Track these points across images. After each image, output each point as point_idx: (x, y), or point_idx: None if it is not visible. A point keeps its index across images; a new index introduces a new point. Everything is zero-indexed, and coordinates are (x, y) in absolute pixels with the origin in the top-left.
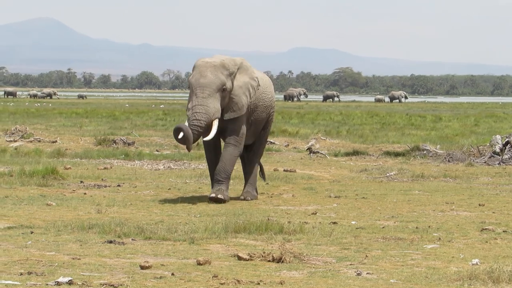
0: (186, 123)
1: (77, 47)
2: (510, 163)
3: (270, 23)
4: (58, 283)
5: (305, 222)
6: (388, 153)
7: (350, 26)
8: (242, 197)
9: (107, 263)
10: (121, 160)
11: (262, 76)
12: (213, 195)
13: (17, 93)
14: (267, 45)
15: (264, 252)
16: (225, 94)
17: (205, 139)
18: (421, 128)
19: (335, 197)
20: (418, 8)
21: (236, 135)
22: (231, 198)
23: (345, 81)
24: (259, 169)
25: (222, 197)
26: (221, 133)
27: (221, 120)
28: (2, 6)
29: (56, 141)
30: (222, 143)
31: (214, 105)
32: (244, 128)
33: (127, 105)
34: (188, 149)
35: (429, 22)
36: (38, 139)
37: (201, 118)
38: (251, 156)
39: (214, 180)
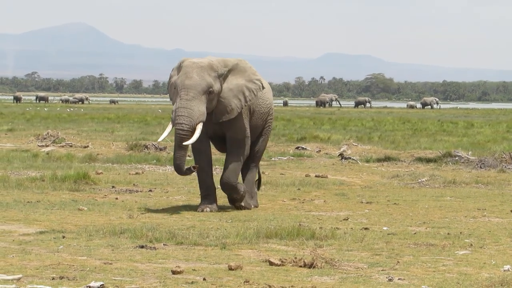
0: (170, 126)
1: (109, 53)
2: None
3: (303, 29)
4: None
5: (336, 227)
6: (419, 159)
7: (383, 32)
8: (237, 204)
9: (138, 268)
10: (152, 165)
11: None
12: (238, 204)
13: (49, 98)
14: (299, 51)
15: (295, 258)
16: (213, 97)
17: (185, 143)
18: (453, 134)
19: (367, 203)
20: (451, 14)
21: (237, 142)
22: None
23: (377, 87)
24: (257, 177)
25: (243, 204)
26: (218, 140)
27: (215, 124)
28: (35, 11)
29: (87, 146)
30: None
31: (198, 108)
32: (246, 132)
33: (160, 111)
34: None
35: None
36: (70, 144)
37: (184, 121)
38: (248, 164)
39: (229, 199)
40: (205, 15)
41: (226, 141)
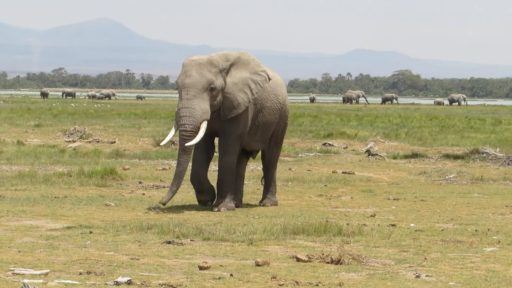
0: (173, 129)
1: (136, 48)
2: None
3: (330, 26)
4: (117, 283)
5: (363, 224)
6: (447, 156)
7: (410, 28)
8: (261, 204)
9: (165, 264)
10: None
11: (272, 75)
12: (215, 209)
13: (76, 93)
14: (326, 47)
15: (322, 254)
16: (216, 93)
17: (188, 144)
18: (480, 131)
19: (394, 199)
20: (478, 10)
21: (231, 139)
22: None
23: (404, 83)
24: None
25: (226, 209)
26: (217, 134)
27: (218, 120)
28: (61, 7)
29: (114, 142)
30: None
31: (201, 107)
32: (242, 128)
33: None
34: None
35: (489, 25)
36: (97, 140)
37: (186, 122)
38: (266, 164)
39: (217, 193)
40: (232, 11)
41: (223, 135)
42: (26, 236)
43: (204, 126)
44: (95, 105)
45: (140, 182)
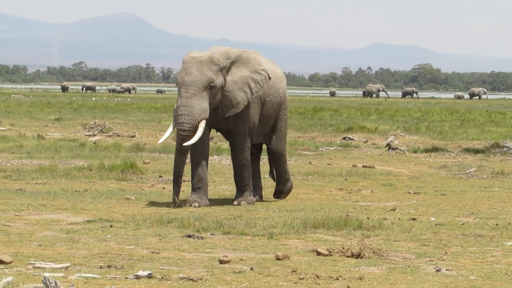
0: (171, 126)
1: (156, 42)
2: None
3: (350, 19)
4: (137, 277)
5: (384, 218)
6: (467, 150)
7: (430, 22)
8: (275, 196)
9: (186, 257)
10: None
11: (273, 69)
12: (235, 202)
13: (96, 87)
14: (346, 41)
15: (343, 248)
16: (215, 92)
17: (185, 144)
18: (501, 125)
19: (414, 193)
20: (498, 4)
21: (240, 137)
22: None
23: (424, 77)
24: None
25: (246, 203)
26: (224, 133)
27: (220, 120)
28: (82, 1)
29: (134, 136)
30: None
31: (199, 105)
32: (250, 126)
33: None
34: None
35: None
36: (117, 134)
37: (184, 120)
38: (273, 158)
39: (237, 188)
40: (251, 5)
41: (230, 132)
42: (47, 230)
43: (202, 125)
44: (115, 99)
45: (160, 176)
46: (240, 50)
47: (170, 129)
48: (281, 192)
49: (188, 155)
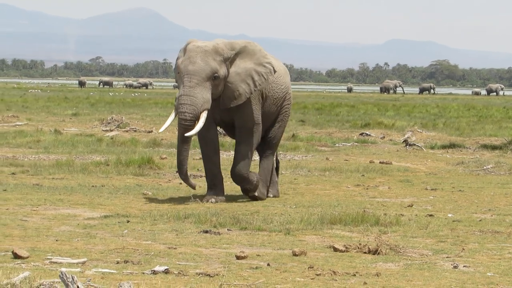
0: (173, 114)
1: (174, 38)
2: None
3: (367, 15)
4: (154, 272)
5: (401, 214)
6: (485, 146)
7: (447, 18)
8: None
9: (203, 253)
10: None
11: (277, 64)
12: (251, 194)
13: (113, 83)
14: (364, 37)
15: (360, 244)
16: (218, 82)
17: (187, 134)
18: None
19: (432, 189)
20: None
21: (245, 131)
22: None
23: (442, 73)
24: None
25: (256, 194)
26: (227, 127)
27: (223, 111)
28: None
29: (151, 131)
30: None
31: (202, 96)
32: (256, 119)
33: None
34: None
35: None
36: (134, 129)
37: (186, 110)
38: (265, 150)
39: (242, 190)
40: (269, 1)
41: (235, 129)
42: (64, 225)
43: (204, 115)
44: (132, 94)
45: (177, 171)
46: (245, 42)
47: (172, 117)
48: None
49: (198, 150)
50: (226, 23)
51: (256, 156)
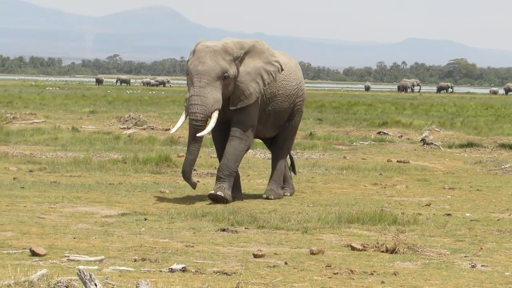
0: (183, 116)
1: (191, 36)
2: None
3: (385, 14)
4: (171, 270)
5: (419, 213)
6: (503, 145)
7: (465, 17)
8: (264, 196)
9: (220, 251)
10: None
11: (286, 61)
12: (212, 191)
13: (131, 80)
14: (381, 36)
15: (377, 243)
16: (228, 82)
17: (199, 134)
18: None
19: (449, 188)
20: None
21: (242, 127)
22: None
23: (460, 72)
24: (289, 163)
25: (222, 195)
26: (227, 123)
27: (228, 110)
28: None
29: (169, 129)
30: None
31: (213, 95)
32: (254, 119)
33: None
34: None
35: None
36: (152, 127)
37: (197, 110)
38: (276, 150)
39: (216, 178)
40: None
41: (231, 124)
42: (81, 223)
43: (215, 115)
44: (150, 92)
45: (194, 170)
46: (254, 40)
47: (182, 118)
48: (272, 191)
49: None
50: (243, 21)
51: (259, 154)
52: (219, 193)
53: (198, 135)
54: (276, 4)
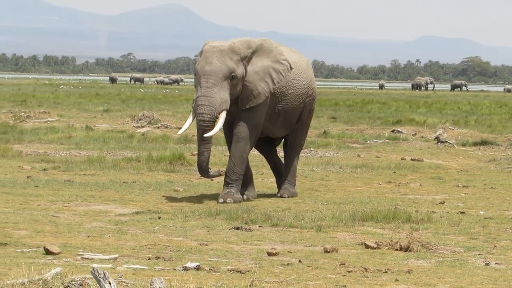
0: (191, 117)
1: (205, 34)
2: None
3: (398, 12)
4: (185, 268)
5: (432, 211)
6: None
7: (479, 15)
8: (278, 195)
9: (234, 249)
10: None
11: (297, 59)
12: (221, 200)
13: (144, 79)
14: (395, 34)
15: (391, 241)
16: (236, 82)
17: (206, 135)
18: None
19: (463, 186)
20: None
21: (246, 127)
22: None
23: (474, 70)
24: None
25: (232, 201)
26: (234, 122)
27: (236, 110)
28: None
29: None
30: None
31: (220, 96)
32: (259, 119)
33: None
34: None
35: None
36: (165, 125)
37: (204, 111)
38: (288, 151)
39: (224, 182)
40: None
41: (236, 124)
42: (95, 221)
43: (223, 116)
44: (164, 91)
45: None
46: (261, 39)
47: (190, 119)
48: (286, 190)
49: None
50: (257, 20)
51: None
52: (228, 200)
53: (205, 135)
54: (290, 3)
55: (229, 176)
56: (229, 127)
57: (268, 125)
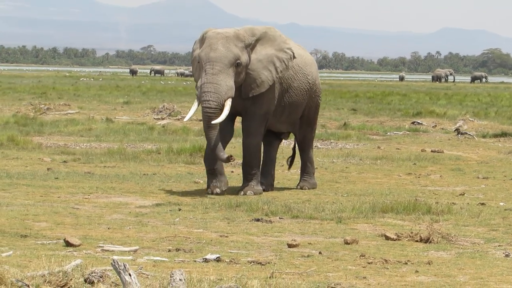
0: (196, 104)
1: (225, 26)
2: None
3: (419, 3)
4: (206, 260)
5: (453, 203)
6: None
7: (499, 6)
8: (299, 187)
9: (254, 241)
10: None
11: (302, 53)
12: (241, 193)
13: (165, 71)
14: (415, 26)
15: (411, 232)
16: (241, 70)
17: (214, 122)
18: None
19: (483, 178)
20: None
21: (255, 120)
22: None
23: (494, 62)
24: (290, 159)
25: (253, 194)
26: (240, 114)
27: (240, 99)
28: None
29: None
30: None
31: (226, 83)
32: (268, 110)
33: None
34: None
35: None
36: None
37: (211, 98)
38: (301, 145)
39: (243, 176)
40: None
41: (244, 116)
42: (115, 213)
43: (229, 103)
44: (184, 83)
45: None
46: (265, 27)
47: (195, 106)
48: (306, 182)
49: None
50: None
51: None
52: (248, 192)
53: (212, 122)
54: None
55: (247, 171)
56: (228, 117)
57: (273, 119)
